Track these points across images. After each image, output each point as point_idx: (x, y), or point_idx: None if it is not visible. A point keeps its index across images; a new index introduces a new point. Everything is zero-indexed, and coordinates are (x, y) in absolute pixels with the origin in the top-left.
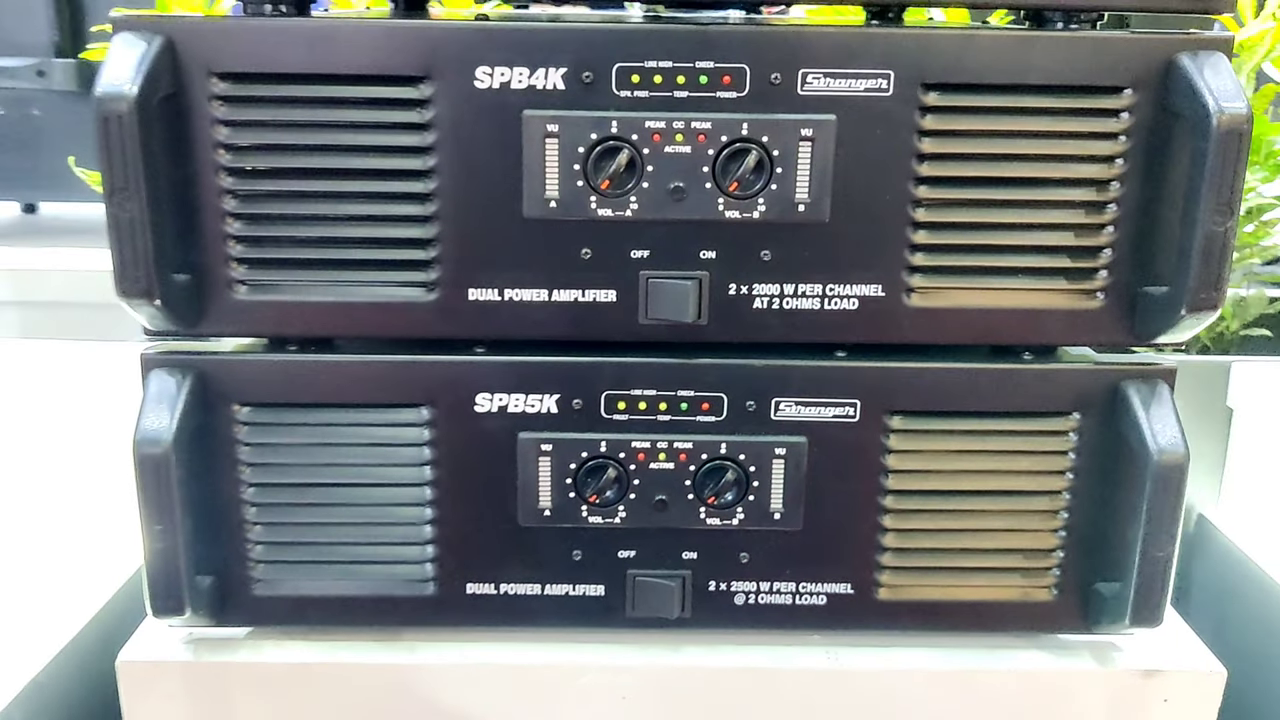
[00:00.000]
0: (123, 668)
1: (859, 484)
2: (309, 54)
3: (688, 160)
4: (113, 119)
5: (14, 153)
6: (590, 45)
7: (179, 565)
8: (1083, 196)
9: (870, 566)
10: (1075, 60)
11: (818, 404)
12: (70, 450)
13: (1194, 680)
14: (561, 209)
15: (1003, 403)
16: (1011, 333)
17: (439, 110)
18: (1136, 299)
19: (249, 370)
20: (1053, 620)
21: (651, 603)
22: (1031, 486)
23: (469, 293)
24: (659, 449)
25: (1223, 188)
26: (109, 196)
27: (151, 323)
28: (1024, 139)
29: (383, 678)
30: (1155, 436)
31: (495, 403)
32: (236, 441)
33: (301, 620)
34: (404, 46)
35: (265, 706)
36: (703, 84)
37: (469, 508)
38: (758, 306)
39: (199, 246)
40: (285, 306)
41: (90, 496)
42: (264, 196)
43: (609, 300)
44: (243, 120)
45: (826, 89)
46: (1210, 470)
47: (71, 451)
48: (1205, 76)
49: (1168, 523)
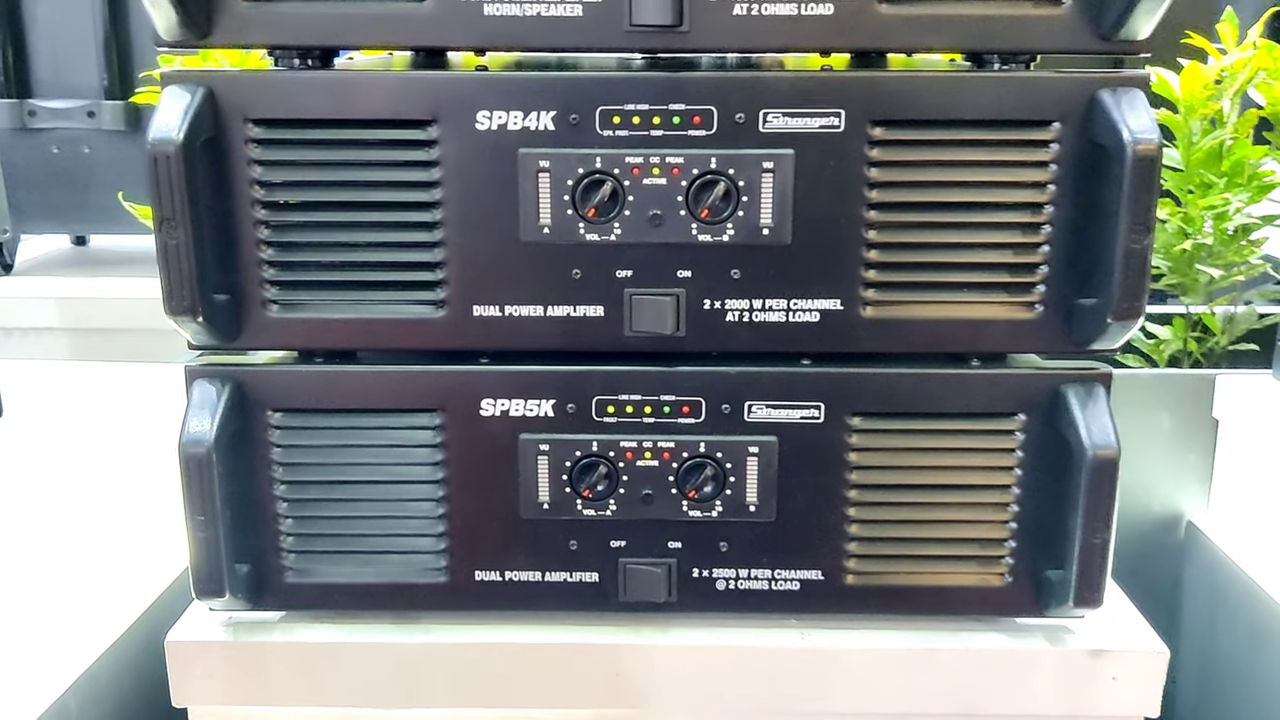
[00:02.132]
0: (170, 647)
1: (825, 479)
2: (332, 102)
3: (664, 191)
4: (161, 159)
5: (66, 188)
6: (576, 91)
7: (219, 554)
8: (1018, 219)
9: (838, 554)
10: (1007, 97)
11: (786, 407)
12: (119, 461)
13: (1139, 660)
14: (554, 234)
15: (954, 405)
16: (960, 341)
17: (445, 149)
18: (1072, 310)
19: (281, 380)
20: (1007, 604)
21: (641, 588)
22: (983, 481)
23: (474, 309)
24: (645, 448)
25: (1139, 209)
26: (158, 227)
27: (195, 338)
28: (964, 168)
29: (401, 656)
30: (1091, 434)
31: (498, 407)
32: (270, 444)
33: (328, 604)
34: (414, 94)
35: (297, 681)
36: (675, 124)
37: (476, 502)
38: (730, 320)
39: (236, 270)
40: (312, 323)
41: (139, 502)
42: (293, 226)
43: (597, 315)
44: (274, 160)
45: (785, 126)
46: (1199, 480)
47: (121, 462)
48: (1123, 111)
49: (1103, 512)
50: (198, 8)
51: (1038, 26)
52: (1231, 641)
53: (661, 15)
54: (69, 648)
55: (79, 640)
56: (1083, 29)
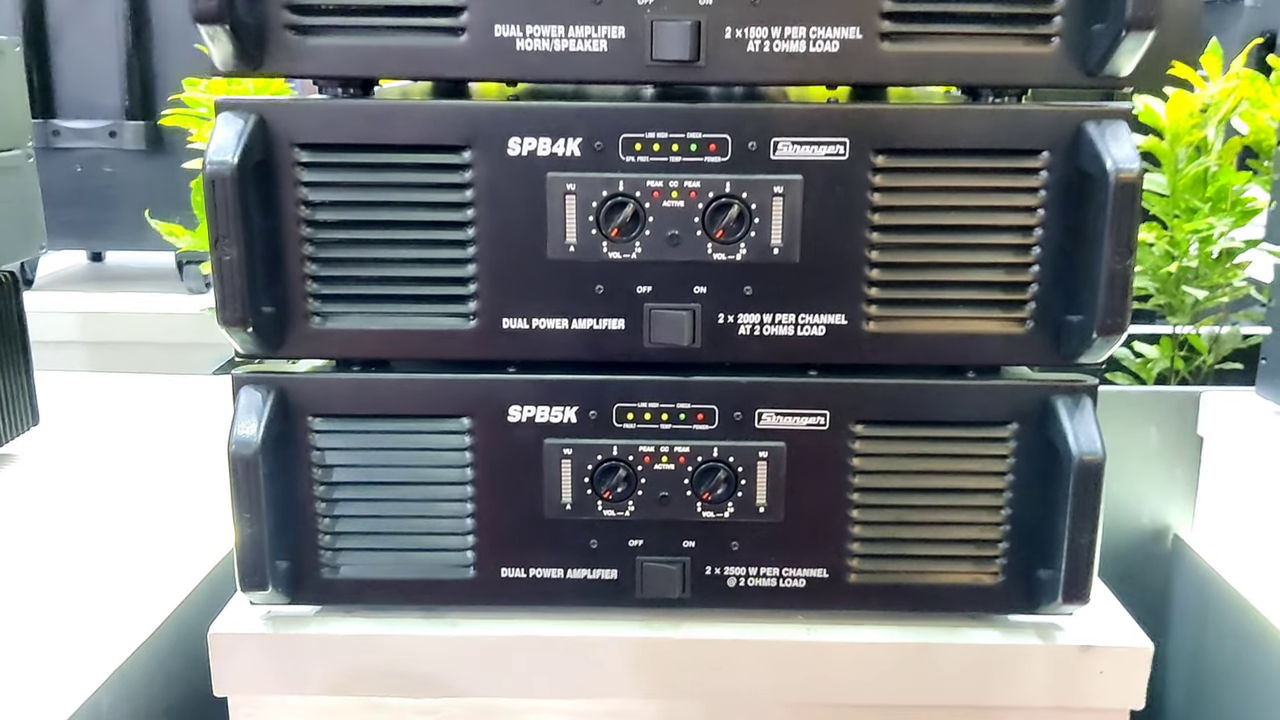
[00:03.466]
0: (213, 639)
1: (830, 483)
2: (372, 128)
3: (682, 212)
4: (218, 181)
5: (87, 206)
6: (601, 120)
7: (263, 550)
8: (1010, 240)
9: (842, 554)
10: (1000, 128)
11: (794, 414)
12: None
13: (1125, 655)
14: (579, 252)
15: (951, 414)
16: (956, 354)
17: (478, 173)
18: (1060, 325)
19: (321, 387)
20: (1000, 602)
21: (657, 585)
22: (977, 485)
23: (503, 322)
24: (661, 452)
25: (1122, 233)
26: (213, 244)
27: (243, 347)
28: (959, 193)
29: (430, 648)
30: (1078, 441)
31: (525, 414)
32: (309, 447)
33: (362, 599)
34: (450, 122)
35: (331, 672)
36: (693, 150)
37: (502, 503)
38: (742, 333)
39: (282, 284)
40: (351, 334)
41: (165, 505)
42: (335, 243)
43: (619, 328)
44: (319, 181)
45: (794, 154)
46: (1185, 494)
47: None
48: (1107, 142)
49: (1090, 514)
50: (252, 41)
51: (1028, 63)
52: (1218, 648)
53: (680, 51)
54: (101, 646)
55: (111, 638)
56: (1070, 66)
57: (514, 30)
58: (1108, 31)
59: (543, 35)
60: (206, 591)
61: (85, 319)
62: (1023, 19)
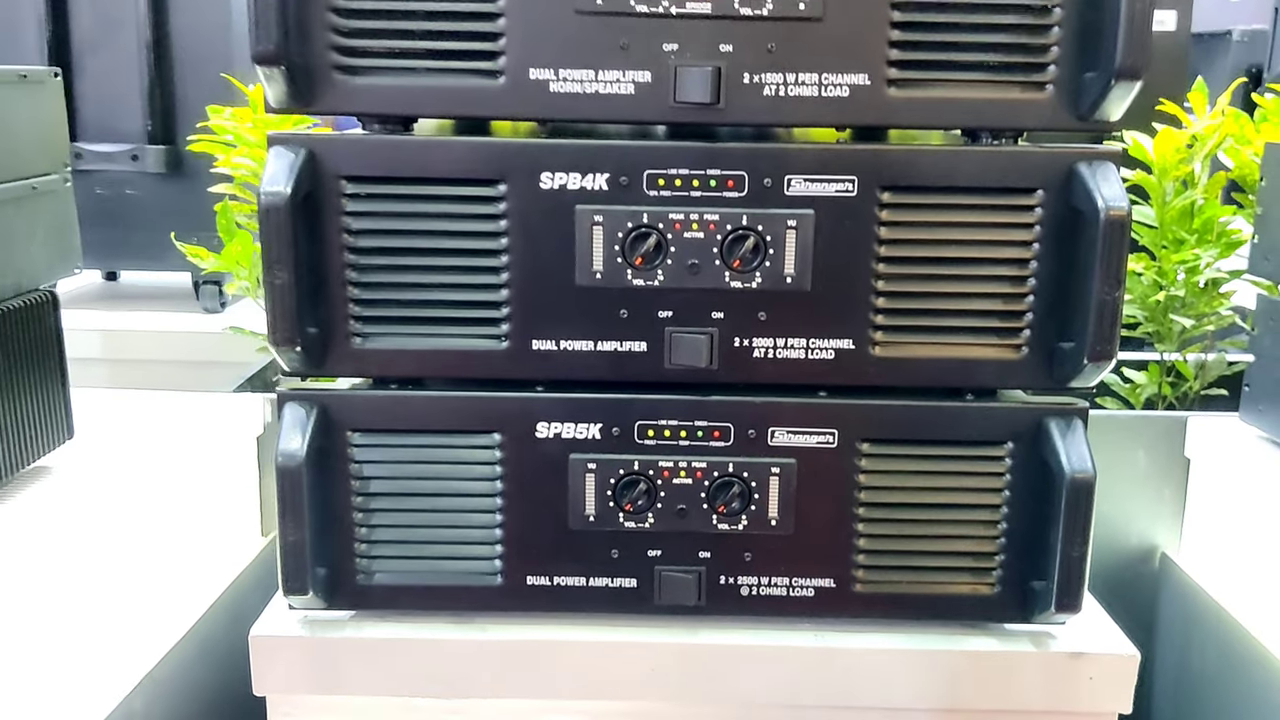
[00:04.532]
0: (254, 641)
1: (838, 498)
2: (413, 162)
3: (701, 243)
4: (271, 211)
5: (109, 227)
6: (627, 157)
7: (305, 557)
8: (1007, 272)
9: (848, 565)
10: (998, 168)
11: (804, 433)
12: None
13: (1114, 662)
14: (605, 279)
15: (951, 433)
16: (956, 378)
17: (511, 205)
18: (1053, 352)
19: (360, 404)
20: (997, 611)
21: (674, 593)
22: (975, 501)
23: (532, 343)
24: (680, 468)
25: (1111, 266)
26: (266, 269)
27: (289, 365)
28: (960, 228)
29: (459, 651)
30: (1070, 460)
31: (552, 430)
32: (349, 460)
33: (395, 605)
34: (486, 157)
35: (365, 673)
36: (712, 186)
37: (529, 514)
38: (757, 356)
39: (326, 307)
40: (389, 354)
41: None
42: (376, 269)
43: (641, 350)
44: (362, 211)
45: (807, 190)
46: (1172, 515)
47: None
48: (1098, 182)
49: (1081, 528)
50: (304, 82)
51: (1024, 108)
52: (1203, 662)
53: (702, 94)
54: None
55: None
56: (1063, 111)
57: (548, 73)
58: (1098, 80)
59: (574, 78)
60: (230, 599)
61: (103, 336)
62: (1019, 67)
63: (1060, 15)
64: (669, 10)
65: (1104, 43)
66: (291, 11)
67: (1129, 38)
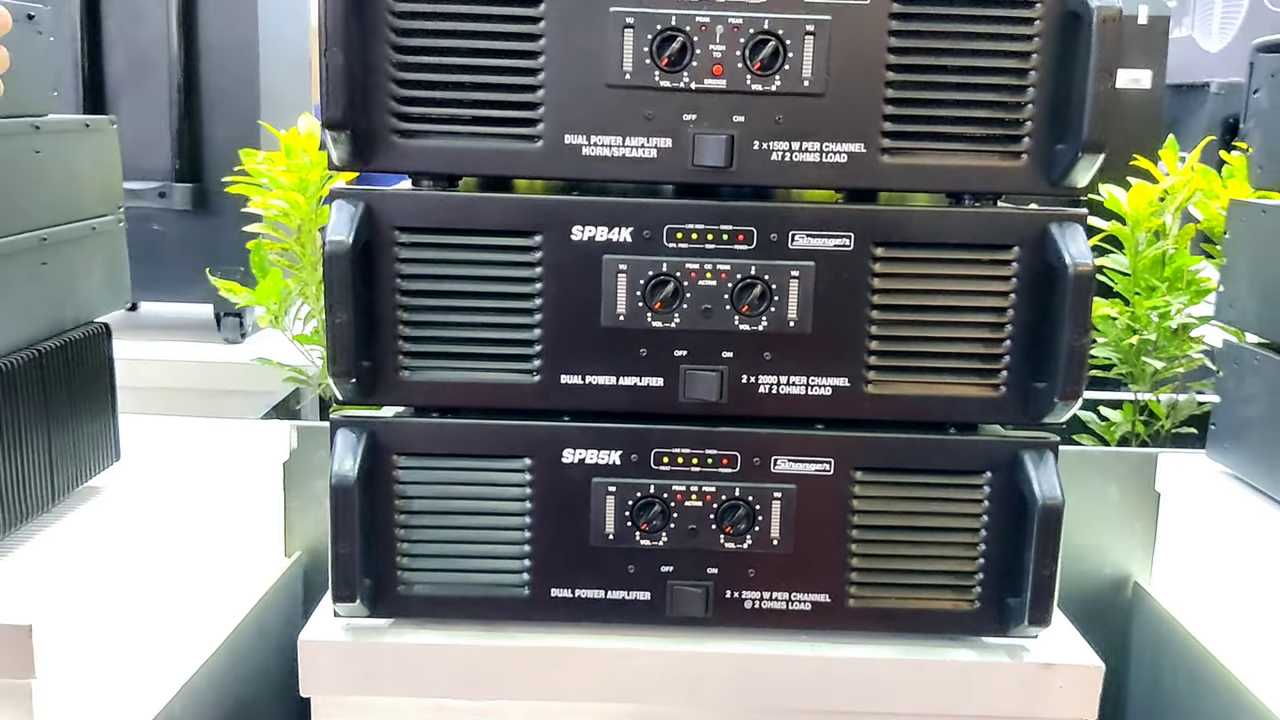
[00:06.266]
0: (303, 645)
1: (833, 521)
2: (459, 215)
3: (714, 290)
4: (334, 258)
5: (136, 261)
6: (649, 213)
7: (355, 569)
8: (987, 319)
9: (842, 582)
10: (979, 227)
11: (803, 461)
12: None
13: (1080, 672)
14: (627, 321)
15: (936, 463)
16: (941, 413)
17: (545, 254)
18: (1028, 391)
19: (405, 430)
20: (976, 625)
21: (684, 605)
22: (957, 525)
23: (561, 377)
24: (691, 491)
25: (1079, 315)
26: (328, 310)
27: (345, 395)
28: (945, 280)
29: (489, 657)
30: (1041, 488)
31: (576, 456)
32: (394, 481)
33: (432, 613)
34: (524, 211)
35: (403, 675)
36: (724, 239)
37: (555, 532)
38: (762, 392)
39: (378, 343)
40: (433, 385)
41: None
42: (424, 309)
43: (658, 385)
44: (413, 258)
45: (808, 244)
46: (1144, 546)
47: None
48: (1067, 240)
49: (1051, 550)
50: (366, 144)
51: (1002, 175)
52: (1173, 684)
53: (716, 159)
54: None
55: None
56: (1037, 177)
57: (581, 139)
58: (1068, 151)
59: (604, 144)
60: (258, 614)
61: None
62: (998, 139)
63: (1034, 94)
64: (689, 85)
65: (1072, 119)
66: (358, 84)
67: (1093, 116)
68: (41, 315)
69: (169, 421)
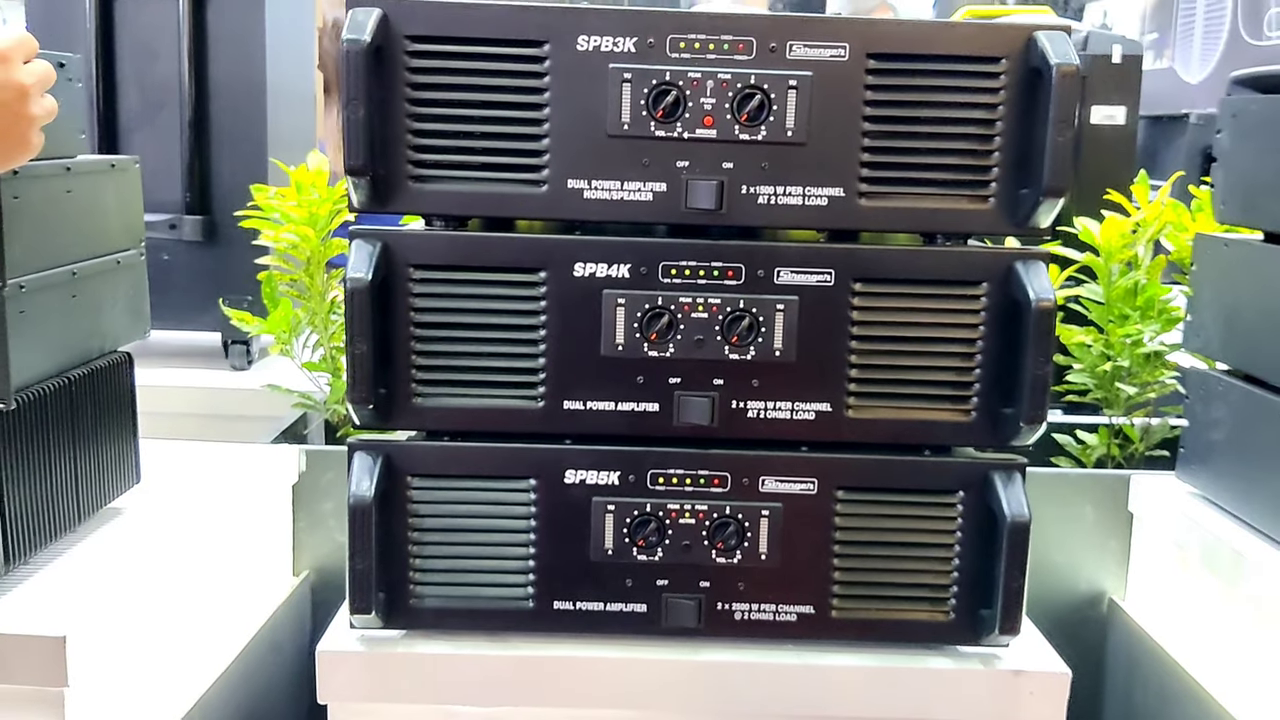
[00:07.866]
0: (320, 655)
1: (817, 536)
2: (470, 253)
3: (705, 322)
4: (355, 294)
5: None
6: (645, 251)
7: (371, 583)
8: (958, 350)
9: (826, 595)
10: (949, 264)
11: (789, 481)
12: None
13: (1049, 679)
14: (625, 351)
15: (911, 483)
16: (916, 436)
17: (549, 289)
18: (997, 416)
19: (418, 453)
20: (951, 635)
21: (678, 617)
22: (932, 541)
23: (564, 403)
24: (685, 509)
25: (1041, 347)
26: (348, 341)
27: (362, 420)
28: (919, 313)
29: (495, 666)
30: (1010, 507)
31: (578, 477)
32: (408, 500)
33: (442, 625)
34: (530, 249)
35: (415, 683)
36: (715, 275)
37: (557, 548)
38: (750, 416)
39: (393, 371)
40: (443, 410)
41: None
42: (436, 340)
43: (654, 410)
44: (426, 293)
45: (792, 280)
46: (1118, 564)
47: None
48: (1030, 277)
49: (1019, 563)
50: (384, 189)
51: (971, 216)
52: (1145, 697)
53: (708, 202)
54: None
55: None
56: (1003, 218)
57: (583, 183)
58: (1031, 195)
59: (604, 188)
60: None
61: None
62: (967, 184)
63: (1000, 143)
64: (682, 135)
65: (1035, 166)
66: (377, 134)
67: (1054, 163)
68: (70, 345)
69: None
